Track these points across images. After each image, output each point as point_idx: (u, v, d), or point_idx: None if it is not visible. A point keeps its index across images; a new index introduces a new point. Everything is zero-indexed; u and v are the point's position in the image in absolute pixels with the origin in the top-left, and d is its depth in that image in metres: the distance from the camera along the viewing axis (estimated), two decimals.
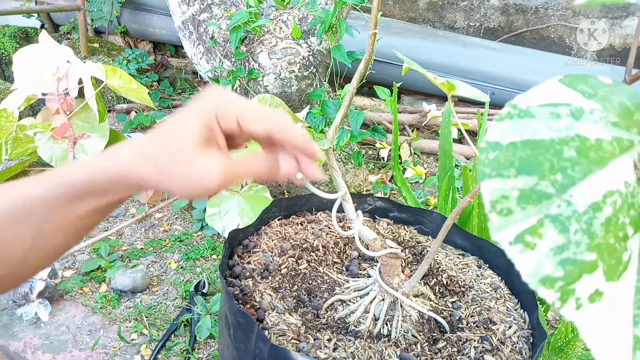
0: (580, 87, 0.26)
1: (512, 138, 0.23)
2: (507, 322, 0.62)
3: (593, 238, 0.21)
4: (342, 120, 0.56)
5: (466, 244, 0.78)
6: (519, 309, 0.66)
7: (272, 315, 0.54)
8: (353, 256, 0.69)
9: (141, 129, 2.09)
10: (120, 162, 0.37)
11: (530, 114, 0.24)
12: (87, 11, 2.47)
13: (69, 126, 1.12)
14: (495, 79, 2.17)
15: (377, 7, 0.39)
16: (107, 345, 1.05)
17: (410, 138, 2.03)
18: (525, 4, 2.46)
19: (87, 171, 0.38)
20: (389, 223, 0.80)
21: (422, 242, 0.76)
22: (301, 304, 0.59)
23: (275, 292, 0.59)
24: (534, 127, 0.23)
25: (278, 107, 1.37)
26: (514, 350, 0.58)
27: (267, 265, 0.62)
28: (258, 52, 1.63)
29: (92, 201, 0.39)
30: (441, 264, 0.71)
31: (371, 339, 0.56)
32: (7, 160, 1.42)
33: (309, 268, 0.64)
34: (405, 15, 2.69)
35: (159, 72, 2.68)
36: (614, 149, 0.23)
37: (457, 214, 0.51)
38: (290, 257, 0.65)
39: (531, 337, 0.61)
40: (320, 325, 0.56)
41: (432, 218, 0.79)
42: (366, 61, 0.47)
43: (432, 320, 0.61)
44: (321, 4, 1.60)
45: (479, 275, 0.71)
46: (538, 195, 0.21)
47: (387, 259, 0.57)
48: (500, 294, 0.67)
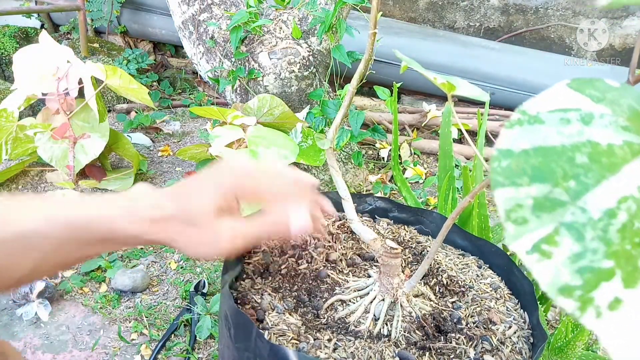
0: (589, 91, 0.26)
1: (523, 145, 0.23)
2: (507, 323, 0.62)
3: (609, 245, 0.21)
4: (342, 120, 0.56)
5: (466, 244, 0.78)
6: (519, 309, 0.66)
7: (272, 315, 0.53)
8: (354, 258, 0.69)
9: (141, 129, 2.09)
10: (141, 225, 0.39)
11: (540, 120, 0.24)
12: (87, 11, 2.47)
13: (69, 126, 1.12)
14: (495, 79, 2.17)
15: (376, 7, 0.39)
16: (107, 345, 1.05)
17: (410, 138, 2.03)
18: (525, 4, 2.46)
19: (109, 224, 0.39)
20: (389, 223, 0.80)
21: (422, 242, 0.76)
22: (301, 304, 0.59)
23: (276, 292, 0.58)
24: (545, 133, 0.23)
25: (278, 107, 1.37)
26: (514, 351, 0.58)
27: (267, 266, 0.62)
28: (258, 52, 1.63)
29: (108, 247, 0.40)
30: (441, 264, 0.71)
31: (371, 339, 0.56)
32: (7, 160, 1.43)
33: (309, 268, 0.64)
34: (405, 15, 2.69)
35: (159, 72, 2.68)
36: (626, 153, 0.23)
37: (457, 214, 0.51)
38: (290, 257, 0.65)
39: (531, 337, 0.61)
40: (320, 325, 0.56)
41: (432, 218, 0.79)
42: (366, 61, 0.47)
43: (431, 320, 0.61)
44: (321, 4, 1.60)
45: (479, 275, 0.71)
46: (552, 203, 0.21)
47: (388, 259, 0.57)
48: (500, 294, 0.67)
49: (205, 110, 1.33)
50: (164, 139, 2.06)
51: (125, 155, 1.65)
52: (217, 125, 1.32)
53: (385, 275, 0.58)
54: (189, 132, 2.15)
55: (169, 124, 2.20)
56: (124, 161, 1.79)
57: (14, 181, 1.62)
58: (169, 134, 2.11)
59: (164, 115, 2.23)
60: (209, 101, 2.44)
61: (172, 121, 2.23)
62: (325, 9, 1.55)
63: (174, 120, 2.25)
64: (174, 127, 2.18)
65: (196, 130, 2.17)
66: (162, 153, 1.91)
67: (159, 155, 1.90)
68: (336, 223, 0.73)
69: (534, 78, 2.13)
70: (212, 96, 2.51)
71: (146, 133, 2.06)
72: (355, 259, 0.69)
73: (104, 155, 1.64)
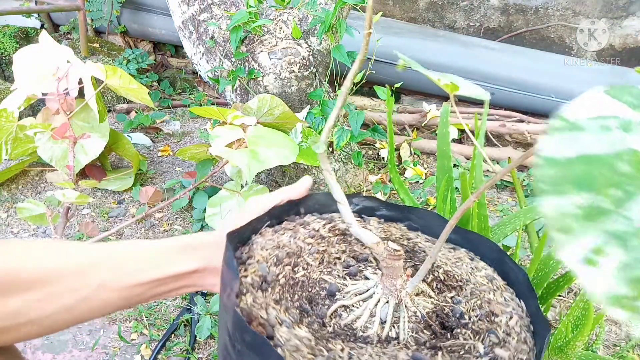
0: (626, 97, 0.26)
1: (566, 153, 0.23)
2: (507, 313, 0.62)
3: None
4: (336, 122, 0.56)
5: (456, 237, 0.78)
6: (515, 298, 0.67)
7: (282, 330, 0.52)
8: (348, 260, 0.69)
9: (141, 129, 2.09)
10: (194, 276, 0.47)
11: (579, 127, 0.24)
12: (87, 11, 2.47)
13: (69, 126, 1.12)
14: (495, 79, 2.17)
15: (371, 8, 0.39)
16: (107, 345, 1.05)
17: (410, 138, 2.03)
18: (525, 4, 2.46)
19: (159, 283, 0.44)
20: (379, 222, 0.80)
21: (412, 239, 0.77)
22: (305, 314, 0.58)
23: (278, 304, 0.58)
24: (586, 141, 0.23)
25: (278, 107, 1.37)
26: (520, 341, 0.58)
27: (264, 277, 0.61)
28: (258, 52, 1.63)
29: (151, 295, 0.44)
30: (436, 260, 0.72)
31: (381, 343, 0.56)
32: (7, 160, 1.43)
33: (307, 275, 0.64)
34: (405, 15, 2.69)
35: (159, 72, 2.68)
36: None
37: (461, 213, 0.51)
38: (287, 266, 0.64)
39: (531, 325, 0.62)
40: (328, 335, 0.55)
41: (420, 214, 0.80)
42: (360, 62, 0.47)
43: (435, 318, 0.61)
44: (321, 4, 1.60)
45: (473, 268, 0.72)
46: (597, 211, 0.21)
47: (391, 261, 0.57)
48: (496, 285, 0.68)
49: (205, 110, 1.33)
50: (164, 139, 2.06)
51: (125, 155, 1.65)
52: (217, 125, 1.32)
53: (388, 277, 0.58)
54: (189, 132, 2.15)
55: (169, 124, 2.20)
56: (124, 161, 1.79)
57: (14, 181, 1.62)
58: (169, 134, 2.11)
59: (164, 115, 2.23)
60: (209, 101, 2.44)
61: (172, 121, 2.23)
62: (325, 9, 1.55)
63: (174, 120, 2.25)
64: (174, 127, 2.18)
65: (196, 130, 2.17)
66: (162, 153, 1.91)
67: (159, 155, 1.90)
68: (327, 226, 0.73)
69: (534, 78, 2.12)
70: (212, 96, 2.51)
71: (146, 133, 2.06)
72: (350, 261, 0.69)
73: (104, 155, 1.65)
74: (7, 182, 1.61)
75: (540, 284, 0.91)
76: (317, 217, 0.77)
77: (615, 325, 1.21)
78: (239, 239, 0.66)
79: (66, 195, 0.99)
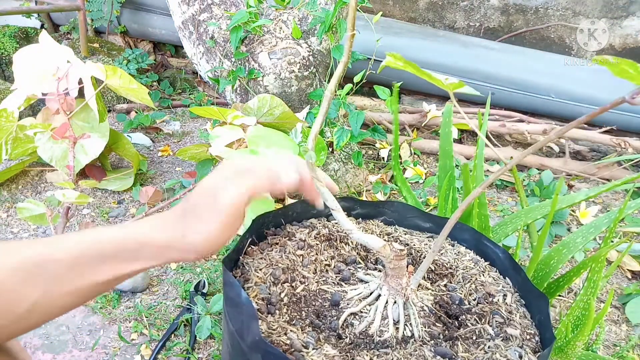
0: None
1: None
2: (501, 292, 0.64)
3: None
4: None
5: (430, 225, 0.79)
6: (500, 276, 0.69)
7: (310, 353, 0.51)
8: (339, 265, 0.69)
9: (141, 129, 2.09)
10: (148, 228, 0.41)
11: None
12: (87, 11, 2.47)
13: (69, 126, 1.12)
14: (495, 79, 2.17)
15: (354, 8, 0.39)
16: (107, 345, 1.05)
17: (410, 138, 2.03)
18: (525, 4, 2.46)
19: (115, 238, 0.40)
20: (357, 221, 0.80)
21: (392, 233, 0.77)
22: (318, 329, 0.57)
23: (292, 325, 0.56)
24: None
25: (278, 107, 1.37)
26: (521, 317, 0.60)
27: (268, 300, 0.60)
28: (258, 52, 1.63)
29: (116, 267, 0.40)
30: (421, 251, 0.72)
31: (400, 344, 0.55)
32: (7, 160, 1.42)
33: (306, 289, 0.63)
34: (405, 15, 2.69)
35: (159, 72, 2.68)
36: None
37: (461, 211, 0.51)
38: (285, 283, 0.63)
39: (522, 299, 0.64)
40: (348, 347, 0.55)
41: (394, 208, 0.81)
42: (344, 64, 0.47)
43: (439, 308, 0.62)
44: (321, 4, 1.60)
45: (457, 253, 0.73)
46: None
47: (396, 261, 0.57)
48: (482, 267, 0.70)
49: (205, 110, 1.33)
50: (164, 139, 2.06)
51: (125, 155, 1.65)
52: (217, 125, 1.32)
53: (393, 277, 0.58)
54: (189, 132, 2.15)
55: (169, 124, 2.20)
56: (124, 161, 1.79)
57: (14, 181, 1.62)
58: (169, 134, 2.11)
59: (164, 115, 2.23)
60: (209, 101, 2.44)
61: (172, 121, 2.23)
62: (325, 9, 1.55)
63: (174, 120, 2.25)
64: (174, 127, 2.18)
65: (196, 130, 2.17)
66: (162, 153, 1.91)
67: (159, 155, 1.90)
68: (311, 234, 0.73)
69: (534, 78, 2.12)
70: (212, 96, 2.51)
71: (146, 133, 2.06)
72: (340, 266, 0.68)
73: (104, 155, 1.64)
74: (7, 182, 1.61)
75: (540, 284, 0.91)
76: (299, 226, 0.76)
77: (615, 325, 1.21)
78: (230, 265, 0.64)
79: (66, 195, 0.99)
